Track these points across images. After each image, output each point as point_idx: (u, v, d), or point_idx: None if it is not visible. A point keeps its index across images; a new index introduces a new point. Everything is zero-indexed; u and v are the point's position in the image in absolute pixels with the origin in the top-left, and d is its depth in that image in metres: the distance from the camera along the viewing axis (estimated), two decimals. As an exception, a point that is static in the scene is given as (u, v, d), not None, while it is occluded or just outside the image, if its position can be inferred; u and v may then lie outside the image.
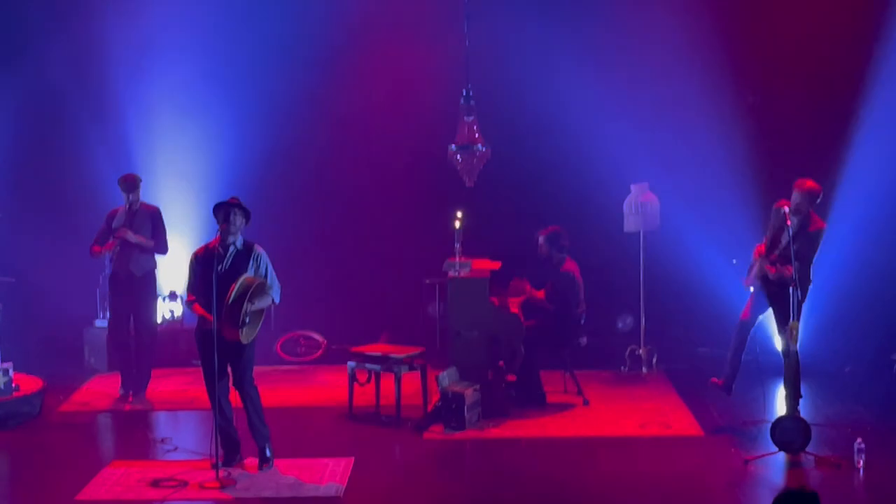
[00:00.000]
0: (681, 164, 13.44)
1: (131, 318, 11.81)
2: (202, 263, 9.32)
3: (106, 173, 12.57)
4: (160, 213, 11.81)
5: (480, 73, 12.22)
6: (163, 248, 11.79)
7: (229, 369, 9.46)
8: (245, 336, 9.21)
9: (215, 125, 13.94)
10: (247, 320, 9.14)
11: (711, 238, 13.19)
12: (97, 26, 13.72)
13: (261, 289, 9.26)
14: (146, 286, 11.76)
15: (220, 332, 9.10)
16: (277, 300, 9.52)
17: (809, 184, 10.17)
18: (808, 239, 10.10)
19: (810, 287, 10.24)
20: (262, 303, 9.29)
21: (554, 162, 13.67)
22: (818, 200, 10.22)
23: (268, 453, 9.53)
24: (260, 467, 9.46)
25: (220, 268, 9.20)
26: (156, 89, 13.88)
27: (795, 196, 10.13)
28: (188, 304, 9.54)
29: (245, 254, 9.35)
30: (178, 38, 13.79)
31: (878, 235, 12.90)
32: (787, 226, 9.66)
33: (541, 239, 11.54)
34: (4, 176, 13.69)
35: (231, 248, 9.33)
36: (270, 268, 9.46)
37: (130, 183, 11.67)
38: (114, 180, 11.81)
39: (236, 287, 9.05)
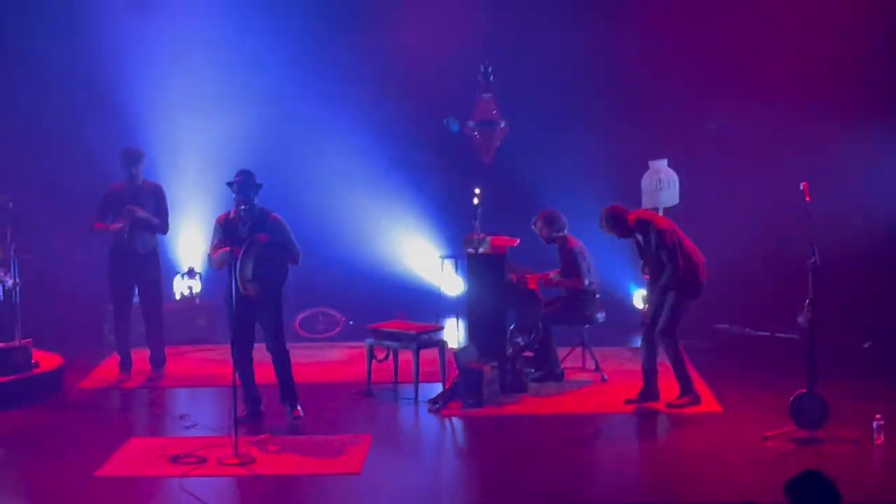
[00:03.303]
0: (700, 140, 13.40)
1: (136, 297, 11.80)
2: (225, 228, 9.92)
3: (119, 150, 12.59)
4: (163, 190, 11.70)
5: (499, 49, 12.23)
6: (164, 229, 11.66)
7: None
8: (254, 288, 9.69)
9: (233, 103, 13.94)
10: (255, 273, 9.69)
11: (731, 215, 13.16)
12: (100, 7, 13.72)
13: (274, 248, 9.84)
14: (150, 262, 11.66)
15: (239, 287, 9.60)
16: (297, 261, 10.08)
17: (606, 211, 10.51)
18: (656, 242, 10.36)
19: (701, 278, 10.42)
20: (275, 256, 9.89)
21: (572, 138, 13.63)
22: (621, 215, 10.45)
23: (300, 411, 10.09)
24: (292, 417, 10.07)
25: (243, 235, 9.76)
26: (170, 67, 13.88)
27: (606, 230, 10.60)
28: (209, 258, 10.14)
29: (261, 221, 9.91)
30: (183, 15, 13.78)
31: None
32: (807, 201, 9.57)
33: (538, 223, 11.52)
34: (23, 154, 13.72)
35: (248, 219, 9.88)
36: (289, 232, 10.01)
37: (134, 156, 11.55)
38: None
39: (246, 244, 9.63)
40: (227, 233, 9.83)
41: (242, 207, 9.82)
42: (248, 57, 14.01)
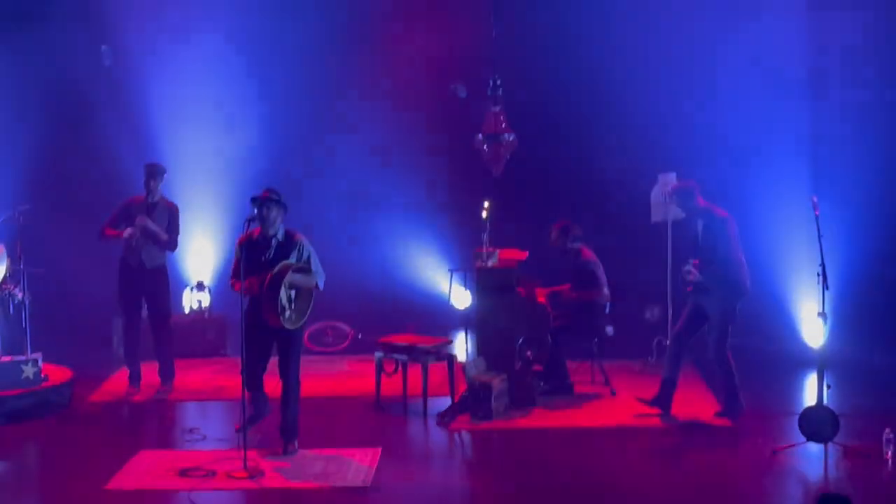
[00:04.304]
0: (708, 153, 13.38)
1: (143, 311, 11.81)
2: (247, 252, 9.39)
3: (132, 164, 12.62)
4: (178, 211, 11.72)
5: (507, 62, 12.23)
6: (173, 246, 11.67)
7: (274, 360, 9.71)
8: (290, 321, 9.36)
9: (241, 117, 13.99)
10: (287, 305, 9.31)
11: (739, 227, 13.13)
12: (120, 16, 13.78)
13: (301, 272, 9.40)
14: (158, 278, 11.67)
15: (265, 318, 9.26)
16: (321, 286, 9.61)
17: (673, 185, 10.70)
18: (716, 232, 10.37)
19: (747, 282, 10.42)
20: (303, 283, 9.43)
21: (581, 151, 13.63)
22: (694, 193, 10.52)
23: (295, 446, 9.66)
24: (286, 451, 9.61)
25: (263, 258, 9.40)
26: (180, 81, 13.92)
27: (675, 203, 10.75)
28: (233, 287, 9.56)
29: (287, 243, 9.50)
30: (202, 28, 13.83)
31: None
32: (817, 215, 9.58)
33: (553, 234, 11.54)
34: (33, 167, 13.76)
35: (273, 240, 9.48)
36: (314, 255, 9.60)
37: (153, 171, 11.57)
38: (139, 170, 11.80)
39: (273, 272, 9.21)
40: (251, 256, 9.36)
41: (251, 221, 9.39)
42: (258, 73, 14.04)
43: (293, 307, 9.41)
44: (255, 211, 9.42)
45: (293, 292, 9.43)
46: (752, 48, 13.24)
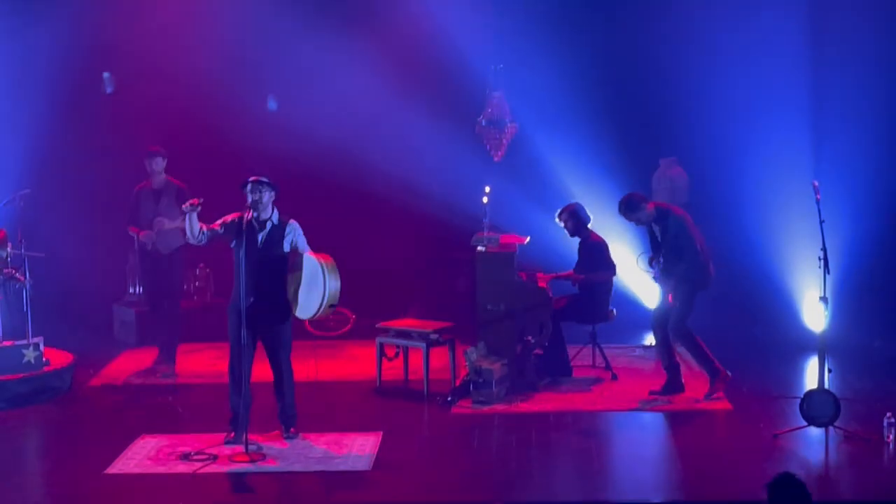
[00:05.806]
0: (709, 137, 13.38)
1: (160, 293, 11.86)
2: (236, 234, 9.28)
3: (133, 148, 12.59)
4: (186, 190, 11.74)
5: (508, 47, 12.24)
6: None
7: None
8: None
9: (242, 101, 13.95)
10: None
11: (741, 212, 13.14)
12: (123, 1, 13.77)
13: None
14: (173, 264, 11.73)
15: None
16: None
17: (626, 196, 10.70)
18: (675, 231, 10.47)
19: (711, 270, 10.55)
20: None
21: (582, 136, 13.61)
22: (640, 203, 10.59)
23: (296, 430, 9.66)
24: (287, 436, 9.61)
25: (258, 243, 9.26)
26: (182, 65, 13.89)
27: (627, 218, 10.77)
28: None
29: (280, 228, 9.39)
30: (205, 14, 13.80)
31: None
32: (818, 200, 9.58)
33: (564, 217, 11.49)
34: (34, 151, 13.73)
35: (268, 224, 9.35)
36: (304, 240, 9.47)
37: (149, 155, 11.65)
38: (140, 155, 11.80)
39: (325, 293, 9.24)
40: (242, 239, 9.19)
41: (266, 217, 9.32)
42: (258, 61, 14.01)
43: (267, 289, 9.34)
44: (249, 193, 9.29)
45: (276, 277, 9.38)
46: (753, 31, 13.21)
